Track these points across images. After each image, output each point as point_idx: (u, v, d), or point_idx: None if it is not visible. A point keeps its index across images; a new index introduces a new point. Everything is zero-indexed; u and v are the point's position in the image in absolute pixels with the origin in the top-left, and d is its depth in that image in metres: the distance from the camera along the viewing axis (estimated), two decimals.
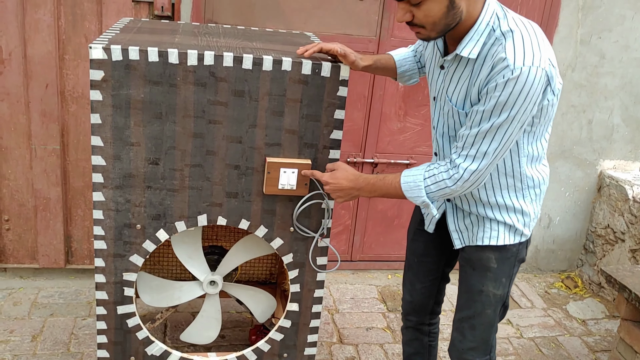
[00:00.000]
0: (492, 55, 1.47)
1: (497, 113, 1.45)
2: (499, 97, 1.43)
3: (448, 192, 1.58)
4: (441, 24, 1.47)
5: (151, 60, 1.58)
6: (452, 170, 1.55)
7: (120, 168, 1.68)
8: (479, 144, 1.50)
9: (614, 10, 3.11)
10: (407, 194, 1.61)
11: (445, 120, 1.66)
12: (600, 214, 3.45)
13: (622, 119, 3.36)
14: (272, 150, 1.72)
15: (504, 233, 1.70)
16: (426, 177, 1.59)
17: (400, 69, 1.94)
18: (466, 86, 1.55)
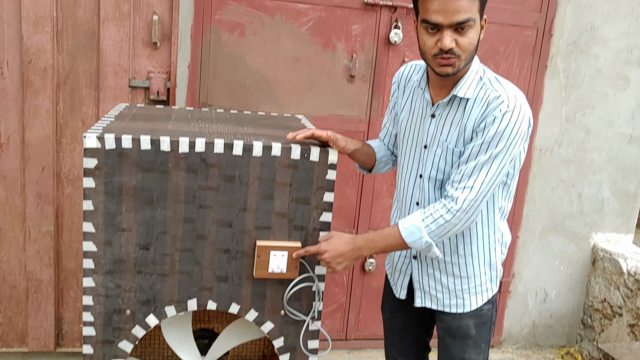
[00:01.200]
0: (485, 95, 1.63)
1: (495, 144, 1.59)
2: (497, 128, 1.58)
3: (448, 228, 1.65)
4: (472, 55, 1.62)
5: (144, 148, 1.63)
6: (450, 203, 1.63)
7: (111, 253, 1.69)
8: (476, 175, 1.61)
9: (595, 88, 3.22)
10: (408, 239, 1.66)
11: (436, 165, 1.74)
12: (596, 287, 3.44)
13: (612, 192, 3.40)
14: (262, 233, 1.74)
15: (476, 296, 1.82)
16: (424, 218, 1.65)
17: (378, 154, 2.03)
18: (460, 126, 1.67)
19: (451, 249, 1.80)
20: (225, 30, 2.75)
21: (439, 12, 1.54)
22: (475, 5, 1.56)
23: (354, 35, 2.89)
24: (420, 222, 1.65)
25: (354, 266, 3.17)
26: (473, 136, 1.64)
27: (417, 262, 1.86)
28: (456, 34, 1.56)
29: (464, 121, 1.66)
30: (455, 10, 1.53)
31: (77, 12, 2.57)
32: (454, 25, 1.55)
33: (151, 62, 2.68)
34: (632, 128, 3.32)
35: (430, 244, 1.66)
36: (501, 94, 1.61)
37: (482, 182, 1.61)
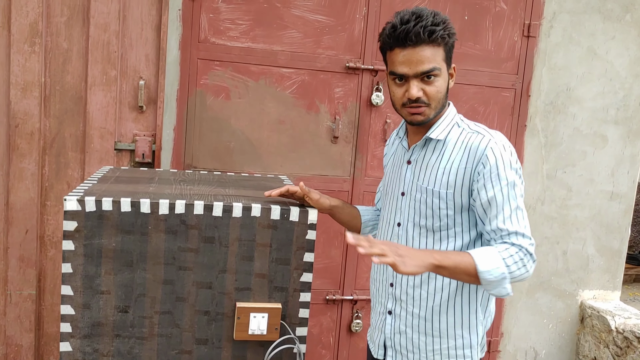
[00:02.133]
0: (467, 139, 1.65)
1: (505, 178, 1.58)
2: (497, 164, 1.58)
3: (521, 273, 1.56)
4: (441, 102, 1.65)
5: (124, 210, 1.64)
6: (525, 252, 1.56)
7: (90, 317, 1.68)
8: (517, 218, 1.58)
9: (574, 146, 3.29)
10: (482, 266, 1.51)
11: (417, 210, 1.71)
12: (586, 345, 3.40)
13: (596, 249, 3.42)
14: (242, 295, 1.73)
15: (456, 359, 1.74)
16: (500, 250, 1.55)
17: (364, 217, 2.03)
18: (438, 169, 1.67)
19: (427, 304, 1.72)
20: (210, 94, 2.82)
21: (404, 64, 1.59)
22: (439, 54, 1.59)
23: (337, 98, 2.96)
24: (496, 253, 1.54)
25: (340, 327, 3.14)
26: (475, 186, 1.61)
27: (392, 317, 1.79)
28: (423, 83, 1.60)
29: (442, 164, 1.66)
30: (419, 60, 1.58)
31: (65, 77, 2.64)
32: (419, 75, 1.59)
33: (137, 126, 2.73)
34: (613, 185, 3.37)
35: (505, 278, 1.52)
36: (484, 134, 1.63)
37: (527, 223, 1.60)
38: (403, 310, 1.76)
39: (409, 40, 1.57)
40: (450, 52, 1.64)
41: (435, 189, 1.67)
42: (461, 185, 1.64)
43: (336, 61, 2.93)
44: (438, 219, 1.67)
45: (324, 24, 2.89)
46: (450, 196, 1.65)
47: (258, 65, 2.85)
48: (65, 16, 2.60)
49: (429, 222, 1.69)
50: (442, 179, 1.66)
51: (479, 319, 1.75)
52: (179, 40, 2.75)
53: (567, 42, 3.20)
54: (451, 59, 1.65)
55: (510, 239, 1.57)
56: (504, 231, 1.58)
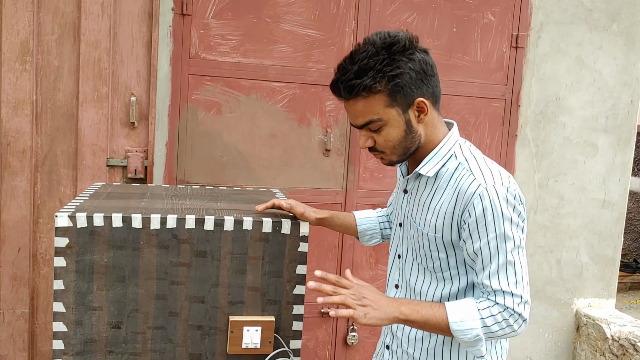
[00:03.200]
0: (459, 178, 1.47)
1: (503, 240, 1.41)
2: (493, 221, 1.40)
3: (506, 332, 1.43)
4: (400, 147, 1.49)
5: (115, 225, 1.64)
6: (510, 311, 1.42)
7: (82, 333, 1.67)
8: (506, 276, 1.42)
9: (565, 155, 3.31)
10: (455, 325, 1.40)
11: (412, 247, 1.61)
12: (582, 354, 3.40)
13: (590, 257, 3.43)
14: (235, 308, 1.73)
15: None
16: (480, 308, 1.42)
17: (361, 227, 1.95)
18: (429, 207, 1.52)
19: (422, 345, 1.60)
20: (201, 109, 2.83)
21: (349, 115, 1.51)
22: (378, 103, 1.43)
23: (328, 111, 2.98)
24: (475, 312, 1.41)
25: (335, 340, 3.13)
26: (462, 234, 1.46)
27: (389, 353, 1.71)
28: (372, 133, 1.49)
29: (433, 203, 1.52)
30: (354, 114, 1.47)
31: (56, 95, 2.64)
32: (361, 127, 1.49)
33: (129, 142, 2.73)
34: (604, 193, 3.39)
35: (480, 339, 1.41)
36: (476, 177, 1.44)
37: (519, 279, 1.42)
38: (399, 348, 1.66)
39: (338, 94, 1.47)
40: (398, 93, 1.43)
41: (424, 230, 1.53)
42: (449, 230, 1.48)
43: (327, 74, 2.95)
44: (431, 260, 1.55)
45: (313, 38, 2.92)
46: (439, 240, 1.51)
47: (249, 79, 2.86)
48: (56, 34, 2.62)
49: (423, 261, 1.58)
50: (431, 220, 1.51)
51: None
52: (170, 56, 2.76)
53: (555, 52, 3.23)
54: (408, 96, 1.44)
55: (495, 297, 1.42)
56: (489, 288, 1.43)
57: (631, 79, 3.35)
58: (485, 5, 3.11)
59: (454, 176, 1.49)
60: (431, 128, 1.52)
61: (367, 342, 3.18)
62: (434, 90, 1.49)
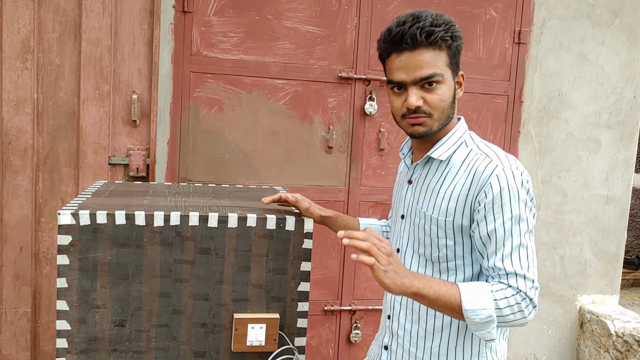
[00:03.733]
0: (472, 162, 1.46)
1: (517, 222, 1.39)
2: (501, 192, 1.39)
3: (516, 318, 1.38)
4: (447, 111, 1.47)
5: (118, 223, 1.63)
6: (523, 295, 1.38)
7: (86, 332, 1.66)
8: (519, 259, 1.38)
9: (568, 151, 3.30)
10: (468, 305, 1.35)
11: (415, 237, 1.57)
12: (586, 351, 3.39)
13: (593, 253, 3.42)
14: (239, 306, 1.72)
15: None
16: (493, 290, 1.38)
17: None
18: (439, 192, 1.50)
19: (425, 344, 1.56)
20: (203, 107, 2.82)
21: (401, 70, 1.44)
22: (441, 59, 1.43)
23: (330, 108, 2.96)
24: (488, 293, 1.36)
25: (339, 338, 3.12)
26: (476, 217, 1.43)
27: (387, 354, 1.67)
28: (424, 91, 1.44)
29: (443, 187, 1.49)
30: (418, 65, 1.42)
31: (57, 93, 2.63)
32: (419, 82, 1.43)
33: (131, 140, 2.72)
34: (608, 189, 3.38)
35: (492, 320, 1.35)
36: (492, 158, 1.43)
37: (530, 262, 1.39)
38: (399, 347, 1.62)
39: (404, 43, 1.41)
40: (455, 57, 1.47)
41: (433, 215, 1.49)
42: (461, 213, 1.45)
43: (329, 71, 2.94)
44: (437, 249, 1.51)
45: (315, 35, 2.91)
46: (450, 224, 1.47)
47: (251, 77, 2.85)
48: (57, 32, 2.61)
49: (427, 250, 1.53)
50: (442, 204, 1.48)
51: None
52: (171, 54, 2.75)
53: (557, 47, 3.22)
54: (458, 65, 1.49)
55: (508, 280, 1.38)
56: (502, 270, 1.39)
57: (634, 74, 3.34)
58: (488, 1, 3.10)
59: (467, 160, 1.48)
60: (455, 111, 1.54)
61: (370, 340, 3.17)
62: None
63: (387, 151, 3.06)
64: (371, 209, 3.06)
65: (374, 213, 3.07)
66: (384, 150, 3.06)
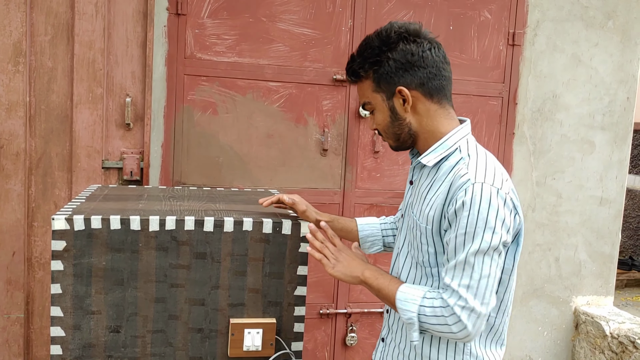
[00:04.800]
0: (455, 171, 1.45)
1: (470, 238, 1.37)
2: (462, 212, 1.37)
3: (439, 328, 1.40)
4: (389, 132, 1.57)
5: (113, 228, 1.61)
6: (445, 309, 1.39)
7: (80, 338, 1.64)
8: (459, 277, 1.38)
9: (563, 153, 3.30)
10: (399, 303, 1.44)
11: (408, 238, 1.60)
12: (582, 352, 3.40)
13: (588, 254, 3.42)
14: (235, 310, 1.71)
15: None
16: (425, 293, 1.43)
17: (362, 232, 1.92)
18: (424, 198, 1.52)
19: (414, 347, 1.57)
20: (197, 110, 2.80)
21: None
22: (367, 87, 1.54)
23: (325, 110, 2.95)
24: (420, 298, 1.42)
25: (334, 342, 3.11)
26: (444, 222, 1.45)
27: (383, 346, 1.70)
28: (373, 116, 1.60)
29: (430, 194, 1.50)
30: (358, 95, 1.62)
31: (50, 96, 2.61)
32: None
33: (124, 143, 2.70)
34: (602, 190, 3.39)
35: (413, 323, 1.41)
36: (469, 171, 1.42)
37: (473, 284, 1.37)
38: (392, 341, 1.65)
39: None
40: (384, 79, 1.49)
41: (419, 221, 1.52)
42: (438, 222, 1.46)
43: (323, 74, 2.93)
44: (421, 253, 1.52)
45: (310, 37, 2.90)
46: (429, 232, 1.48)
47: (245, 79, 2.84)
48: (49, 35, 2.58)
49: (415, 253, 1.55)
50: (424, 211, 1.50)
51: (472, 356, 1.53)
52: (165, 57, 2.73)
53: (551, 49, 3.23)
54: (390, 84, 1.49)
55: (442, 292, 1.41)
56: (442, 281, 1.42)
57: (627, 75, 3.35)
58: (482, 3, 3.10)
59: (453, 170, 1.47)
60: (427, 119, 1.52)
61: (366, 343, 3.16)
62: (426, 81, 1.49)
63: (382, 153, 3.05)
64: (366, 212, 3.05)
65: (369, 215, 3.06)
66: (379, 152, 3.05)
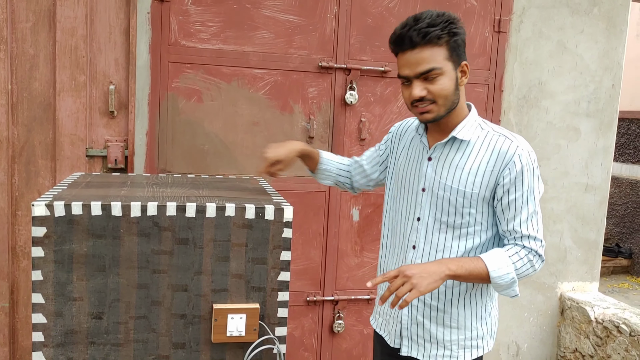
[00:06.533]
0: (494, 143, 1.71)
1: (527, 186, 1.69)
2: (522, 170, 1.67)
3: (529, 272, 1.71)
4: (449, 99, 1.69)
5: (94, 214, 1.60)
6: (534, 253, 1.70)
7: (62, 325, 1.63)
8: (534, 223, 1.71)
9: (549, 140, 3.32)
10: (494, 273, 1.65)
11: (438, 207, 1.78)
12: (567, 337, 3.43)
13: (574, 241, 3.45)
14: (218, 296, 1.70)
15: (464, 350, 1.82)
16: (510, 255, 1.68)
17: (321, 165, 2.13)
18: (463, 168, 1.74)
19: (445, 296, 1.80)
20: (182, 97, 2.78)
21: (405, 66, 1.68)
22: (440, 54, 1.65)
23: (311, 98, 2.95)
24: (507, 258, 1.66)
25: (321, 329, 3.12)
26: (499, 189, 1.70)
27: (408, 308, 1.85)
28: (427, 83, 1.67)
29: (468, 164, 1.73)
30: (417, 62, 1.65)
31: (32, 84, 2.58)
32: (420, 76, 1.67)
33: (108, 131, 2.69)
34: (587, 177, 3.41)
35: (514, 281, 1.67)
36: (512, 139, 1.71)
37: (540, 226, 1.73)
38: (420, 302, 1.82)
39: (404, 44, 1.66)
40: (456, 50, 1.67)
41: (460, 187, 1.73)
42: (486, 186, 1.71)
43: (309, 61, 2.92)
44: (460, 217, 1.75)
45: (295, 24, 2.88)
46: (475, 196, 1.72)
47: (230, 67, 2.83)
48: (30, 21, 2.55)
49: (450, 218, 1.76)
50: (468, 178, 1.72)
51: (487, 311, 1.85)
52: (149, 44, 2.71)
53: (537, 36, 3.23)
54: (460, 56, 1.69)
55: (522, 241, 1.70)
56: (518, 233, 1.70)
57: (612, 63, 3.36)
58: None
59: (486, 140, 1.73)
60: (462, 97, 1.75)
61: (353, 330, 3.17)
62: None
63: (368, 141, 3.05)
64: (352, 199, 3.05)
65: (356, 203, 3.07)
66: (365, 140, 3.05)
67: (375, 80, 3.02)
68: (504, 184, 1.70)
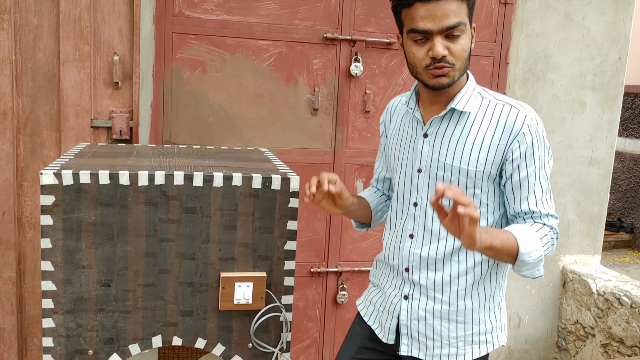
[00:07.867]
0: (499, 112, 1.52)
1: (539, 158, 1.51)
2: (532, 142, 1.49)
3: (550, 251, 1.55)
4: (467, 61, 1.50)
5: (102, 182, 1.61)
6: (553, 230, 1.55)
7: (72, 292, 1.65)
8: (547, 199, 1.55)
9: (553, 113, 3.31)
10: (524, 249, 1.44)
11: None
12: (568, 309, 3.46)
13: (577, 214, 3.46)
14: (226, 265, 1.72)
15: (472, 346, 1.65)
16: (537, 230, 1.52)
17: (372, 203, 1.90)
18: (465, 143, 1.54)
19: (451, 288, 1.62)
20: (187, 69, 2.77)
21: (427, 18, 1.43)
22: (463, 9, 1.45)
23: (315, 69, 2.93)
24: (534, 234, 1.48)
25: (325, 299, 3.14)
26: (507, 165, 1.51)
27: (408, 302, 1.67)
28: (447, 41, 1.45)
29: (470, 138, 1.53)
30: (445, 14, 1.42)
31: (36, 54, 2.57)
32: (445, 31, 1.44)
33: (113, 102, 2.68)
34: (592, 151, 3.41)
35: (542, 260, 1.49)
36: (518, 108, 1.51)
37: (553, 202, 1.58)
38: (423, 296, 1.65)
39: None
40: (473, 8, 1.51)
41: (462, 166, 1.53)
42: (492, 162, 1.52)
43: (313, 32, 2.90)
44: None
45: None
46: (480, 174, 1.53)
47: (234, 37, 2.81)
48: None
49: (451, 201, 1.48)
50: (471, 155, 1.52)
51: (496, 302, 1.68)
52: (153, 14, 2.69)
53: (544, 8, 3.20)
54: (472, 16, 1.51)
55: (542, 220, 1.53)
56: (536, 213, 1.53)
57: (619, 35, 3.33)
58: None
59: (488, 110, 1.54)
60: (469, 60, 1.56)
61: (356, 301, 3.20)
62: None
63: (373, 113, 3.05)
64: (357, 171, 3.06)
65: (360, 175, 3.07)
66: (369, 112, 3.04)
67: (381, 52, 3.00)
68: (514, 159, 1.50)
